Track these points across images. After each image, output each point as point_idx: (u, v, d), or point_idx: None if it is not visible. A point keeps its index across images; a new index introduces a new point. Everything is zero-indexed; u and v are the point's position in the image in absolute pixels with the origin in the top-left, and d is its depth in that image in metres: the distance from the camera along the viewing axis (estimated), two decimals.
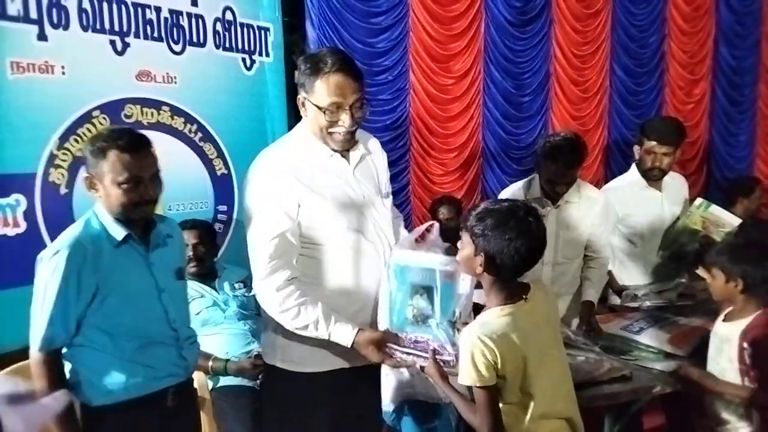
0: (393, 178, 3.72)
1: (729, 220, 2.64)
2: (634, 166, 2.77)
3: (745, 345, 1.86)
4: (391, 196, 1.81)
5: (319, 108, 1.58)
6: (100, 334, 1.60)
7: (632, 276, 2.77)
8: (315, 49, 3.42)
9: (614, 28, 4.28)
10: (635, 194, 2.70)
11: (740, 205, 3.78)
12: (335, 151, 1.65)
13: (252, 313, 2.54)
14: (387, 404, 2.47)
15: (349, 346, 1.57)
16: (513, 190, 2.49)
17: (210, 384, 2.37)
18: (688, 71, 4.58)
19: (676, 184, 2.83)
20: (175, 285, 1.72)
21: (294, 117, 3.48)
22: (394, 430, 2.50)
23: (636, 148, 2.73)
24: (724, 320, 1.99)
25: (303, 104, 1.63)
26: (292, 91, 3.52)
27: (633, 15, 4.33)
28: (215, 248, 2.70)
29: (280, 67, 3.25)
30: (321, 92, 1.56)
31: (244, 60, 3.10)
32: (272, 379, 1.79)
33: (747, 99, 4.85)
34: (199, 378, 2.10)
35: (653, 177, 2.69)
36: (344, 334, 1.57)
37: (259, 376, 2.30)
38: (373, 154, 1.78)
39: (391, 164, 3.67)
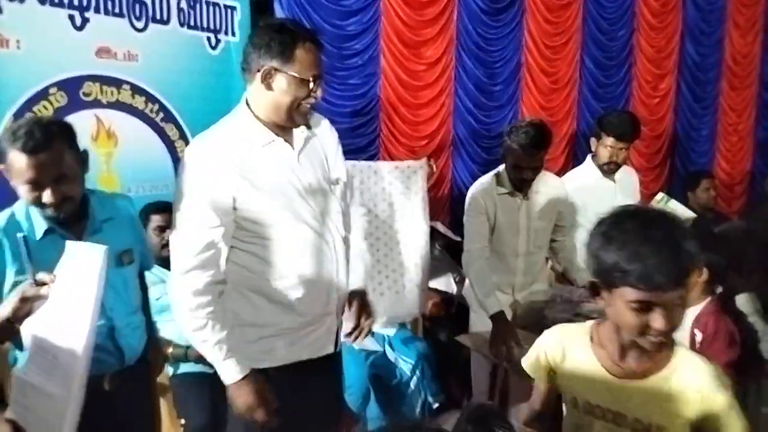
0: None
1: (684, 214, 2.71)
2: (589, 158, 2.89)
3: (696, 331, 1.91)
4: (342, 183, 1.72)
5: (302, 79, 1.51)
6: None
7: None
8: None
9: (585, 20, 4.31)
10: (591, 185, 2.80)
11: (690, 199, 3.92)
12: (278, 135, 1.58)
13: None
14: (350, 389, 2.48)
15: (229, 383, 1.52)
16: (482, 186, 2.48)
17: (171, 370, 2.33)
18: (654, 66, 4.65)
19: (627, 176, 2.96)
20: (114, 272, 1.58)
21: None
22: (359, 415, 2.50)
23: (593, 141, 2.83)
24: None
25: (268, 77, 1.51)
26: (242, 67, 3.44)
27: (603, 8, 4.37)
28: None
29: None
30: (303, 62, 1.50)
31: (209, 39, 3.02)
32: None
33: (710, 95, 4.96)
34: None
35: (609, 170, 2.80)
36: (230, 372, 1.52)
37: None
38: (320, 136, 1.70)
39: (360, 150, 3.69)
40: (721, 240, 2.02)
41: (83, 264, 1.26)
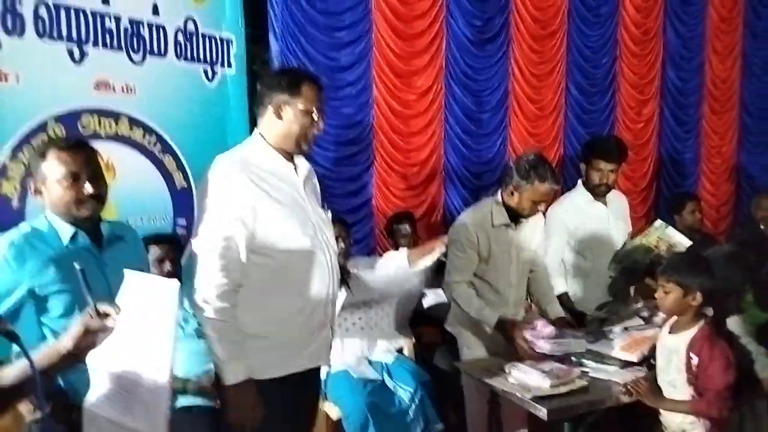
0: (357, 192, 3.77)
1: (682, 242, 2.77)
2: (580, 183, 2.94)
3: (692, 355, 1.95)
4: (329, 213, 1.95)
5: (307, 111, 1.75)
6: (51, 334, 1.58)
7: (585, 290, 2.88)
8: (278, 61, 3.42)
9: (569, 48, 4.43)
10: (583, 208, 2.87)
11: (677, 221, 4.00)
12: (289, 160, 1.80)
13: None
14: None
15: (228, 383, 1.66)
16: (475, 218, 2.48)
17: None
18: (638, 91, 4.77)
19: (617, 200, 3.03)
20: None
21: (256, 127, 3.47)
22: None
23: (582, 165, 2.90)
24: (670, 332, 2.07)
25: (279, 109, 1.75)
26: (254, 102, 3.49)
27: (587, 36, 4.50)
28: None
29: (242, 78, 3.23)
30: (307, 97, 1.75)
31: (205, 71, 3.07)
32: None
33: (692, 119, 5.08)
34: None
35: (600, 192, 2.87)
36: (235, 373, 1.66)
37: None
38: (311, 171, 1.91)
39: (355, 178, 3.74)
40: (711, 264, 2.06)
41: (154, 298, 1.27)
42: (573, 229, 2.82)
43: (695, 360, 1.93)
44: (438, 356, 3.10)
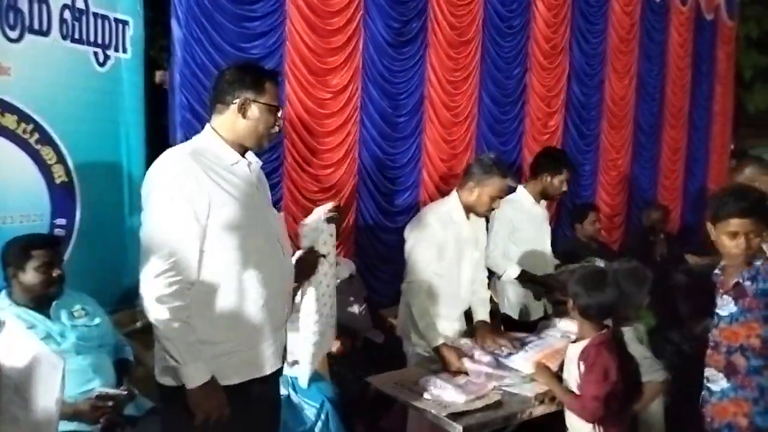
0: None
1: None
2: (521, 187, 3.17)
3: (581, 363, 2.02)
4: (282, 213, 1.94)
5: (272, 107, 1.74)
6: None
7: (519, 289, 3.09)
8: (180, 49, 3.15)
9: (483, 57, 4.48)
10: (528, 210, 3.13)
11: (578, 230, 4.17)
12: (243, 156, 1.76)
13: (94, 344, 2.23)
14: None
15: (192, 386, 1.61)
16: (440, 214, 2.55)
17: None
18: (545, 104, 4.93)
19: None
20: None
21: (153, 118, 3.18)
22: None
23: (546, 176, 3.13)
24: (573, 342, 2.14)
25: (244, 107, 1.71)
26: (151, 91, 3.20)
27: (500, 47, 4.57)
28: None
29: (139, 64, 2.94)
30: (271, 93, 1.75)
31: (96, 54, 2.76)
32: (175, 404, 1.67)
33: (593, 133, 5.33)
34: None
35: (556, 199, 3.38)
36: (199, 374, 1.61)
37: (101, 420, 2.01)
38: (260, 168, 1.88)
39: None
40: (616, 278, 2.13)
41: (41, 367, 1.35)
42: (515, 227, 3.03)
43: (582, 367, 2.00)
44: (347, 369, 2.97)
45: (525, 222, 3.07)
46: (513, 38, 4.64)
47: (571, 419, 2.07)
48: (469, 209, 2.56)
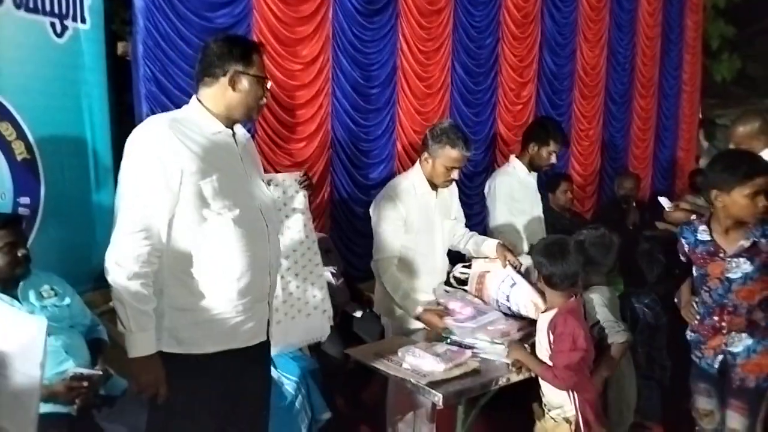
0: None
1: None
2: (514, 157, 3.25)
3: (549, 332, 2.04)
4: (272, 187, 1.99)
5: (260, 78, 1.75)
6: None
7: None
8: (143, 19, 3.02)
9: (455, 27, 4.42)
10: (524, 180, 3.18)
11: (551, 200, 4.20)
12: (228, 127, 1.75)
13: (65, 324, 2.17)
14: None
15: (133, 355, 1.61)
16: (401, 189, 2.51)
17: None
18: (517, 74, 4.91)
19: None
20: None
21: (116, 92, 3.06)
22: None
23: (534, 146, 3.15)
24: (543, 312, 2.15)
25: (234, 80, 1.71)
26: (114, 62, 3.07)
27: (472, 16, 4.52)
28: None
29: (99, 35, 2.81)
30: (259, 65, 1.75)
31: (53, 25, 2.63)
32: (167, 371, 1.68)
33: (565, 103, 5.34)
34: None
35: (547, 169, 3.33)
36: (144, 345, 1.61)
37: (77, 401, 1.97)
38: (249, 141, 1.91)
39: None
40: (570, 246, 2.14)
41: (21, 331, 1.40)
42: (516, 197, 3.09)
43: (551, 337, 2.02)
44: (327, 343, 2.96)
45: (520, 192, 3.11)
46: (485, 7, 4.58)
47: (546, 386, 2.10)
48: (429, 181, 2.53)
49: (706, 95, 7.23)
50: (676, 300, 2.52)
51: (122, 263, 1.58)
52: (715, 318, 2.18)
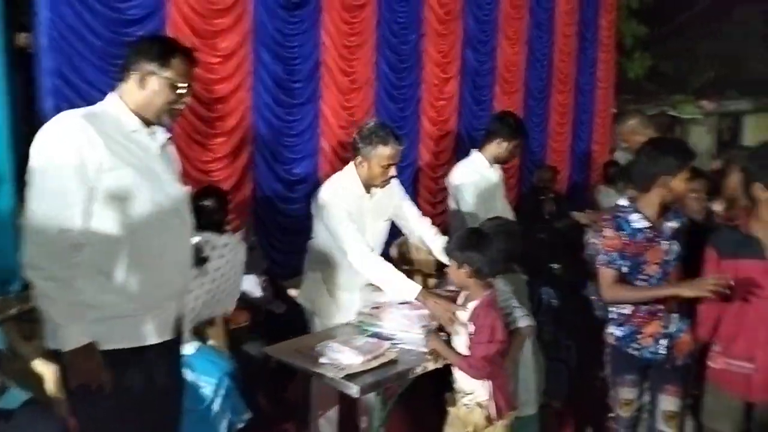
0: None
1: None
2: (476, 152, 3.22)
3: (470, 324, 2.08)
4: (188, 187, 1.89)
5: (173, 84, 1.70)
6: None
7: None
8: (46, 9, 2.86)
9: (379, 22, 4.44)
10: (487, 175, 3.16)
11: None
12: (147, 125, 1.73)
13: None
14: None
15: (71, 347, 1.58)
16: (340, 190, 2.47)
17: None
18: (441, 70, 4.99)
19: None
20: None
21: (19, 87, 2.87)
22: None
23: (500, 141, 3.13)
24: (462, 303, 2.19)
25: (143, 79, 1.69)
26: (13, 56, 2.89)
27: (395, 12, 4.55)
28: None
29: None
30: (178, 69, 1.71)
31: None
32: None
33: (487, 98, 5.48)
34: None
35: (505, 165, 3.34)
36: (76, 336, 1.59)
37: None
38: (169, 141, 1.85)
39: None
40: (490, 237, 2.19)
41: None
42: (480, 191, 3.08)
43: (472, 328, 2.08)
44: (249, 343, 2.92)
45: (486, 188, 3.10)
46: (408, 3, 4.63)
47: (458, 374, 2.15)
48: (367, 183, 2.50)
49: (620, 91, 7.62)
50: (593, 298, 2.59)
51: (41, 265, 1.56)
52: (654, 304, 2.21)
